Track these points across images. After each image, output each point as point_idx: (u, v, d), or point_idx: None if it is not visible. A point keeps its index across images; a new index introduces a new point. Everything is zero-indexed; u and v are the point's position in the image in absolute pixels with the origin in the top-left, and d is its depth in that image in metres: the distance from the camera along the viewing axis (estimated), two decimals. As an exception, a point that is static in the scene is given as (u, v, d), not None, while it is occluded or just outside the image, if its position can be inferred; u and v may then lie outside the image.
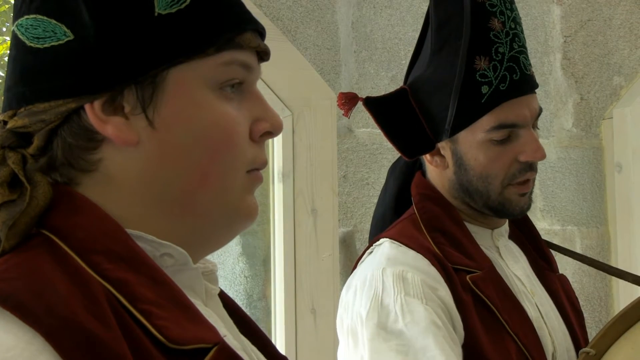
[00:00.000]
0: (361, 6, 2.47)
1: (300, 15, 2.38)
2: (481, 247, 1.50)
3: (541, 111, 1.51)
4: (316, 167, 2.35)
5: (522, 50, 1.49)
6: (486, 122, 1.45)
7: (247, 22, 0.81)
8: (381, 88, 2.43)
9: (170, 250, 0.78)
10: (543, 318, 1.49)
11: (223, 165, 0.79)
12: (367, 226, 2.35)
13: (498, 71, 1.44)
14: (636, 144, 2.76)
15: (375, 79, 2.47)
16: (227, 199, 0.80)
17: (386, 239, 1.48)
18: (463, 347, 1.37)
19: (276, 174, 2.35)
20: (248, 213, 0.82)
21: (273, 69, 2.26)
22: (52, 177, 0.77)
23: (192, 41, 0.77)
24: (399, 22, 2.52)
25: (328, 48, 2.42)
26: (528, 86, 1.48)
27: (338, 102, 1.56)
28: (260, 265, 2.39)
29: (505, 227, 1.59)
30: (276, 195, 2.35)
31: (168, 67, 0.76)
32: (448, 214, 1.50)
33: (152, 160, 0.77)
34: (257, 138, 0.82)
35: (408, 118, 1.51)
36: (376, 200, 1.72)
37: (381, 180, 2.33)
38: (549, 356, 1.45)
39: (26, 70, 0.77)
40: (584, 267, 2.67)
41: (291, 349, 2.28)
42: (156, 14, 0.76)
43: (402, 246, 1.44)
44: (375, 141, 2.46)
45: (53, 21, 0.76)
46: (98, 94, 0.75)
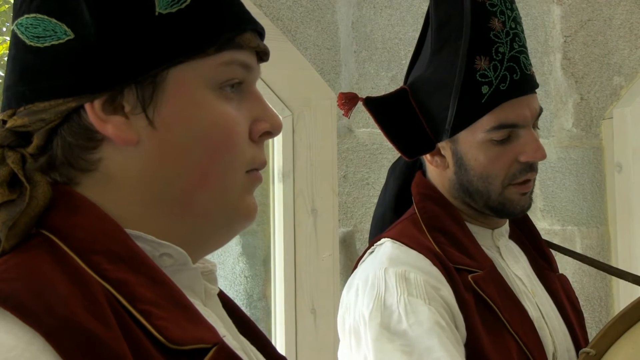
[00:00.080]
0: (361, 6, 2.47)
1: (300, 15, 2.38)
2: (482, 247, 1.50)
3: (541, 111, 1.51)
4: (316, 167, 2.34)
5: (523, 50, 1.48)
6: (486, 122, 1.45)
7: (247, 22, 0.82)
8: (381, 88, 2.43)
9: (169, 250, 0.78)
10: (544, 318, 1.49)
11: (222, 165, 0.79)
12: (367, 226, 2.35)
13: (498, 71, 1.44)
14: (636, 144, 2.76)
15: (375, 79, 2.47)
16: (227, 199, 0.80)
17: (387, 239, 1.47)
18: (464, 347, 1.37)
19: (276, 174, 2.35)
20: (247, 213, 0.82)
21: (273, 69, 2.26)
22: (52, 177, 0.77)
23: (192, 41, 0.77)
24: (399, 22, 2.52)
25: (328, 48, 2.42)
26: (528, 86, 1.48)
27: (338, 102, 1.56)
28: (260, 265, 2.39)
29: (505, 227, 1.59)
30: (276, 195, 2.35)
31: (168, 67, 0.76)
32: (449, 214, 1.50)
33: (152, 159, 0.77)
34: (257, 138, 0.82)
35: (408, 118, 1.51)
36: (376, 200, 1.71)
37: (381, 180, 2.33)
38: (550, 356, 1.45)
39: (26, 69, 0.77)
40: (584, 267, 2.67)
41: (291, 349, 2.28)
42: (157, 14, 0.76)
43: (404, 246, 1.44)
44: (375, 141, 2.46)
45: (53, 20, 0.76)
46: (98, 94, 0.75)
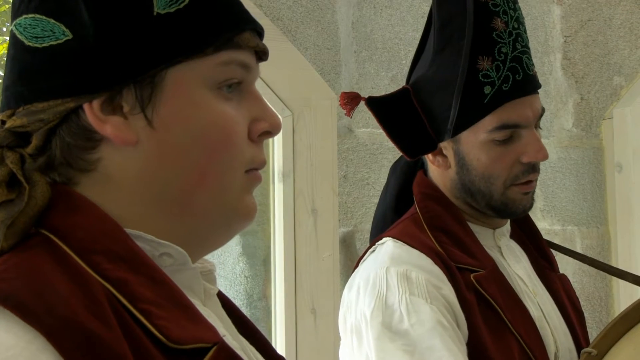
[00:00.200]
0: (361, 6, 2.47)
1: (300, 15, 2.38)
2: (483, 247, 1.50)
3: (544, 111, 1.51)
4: (316, 167, 2.34)
5: (525, 50, 1.48)
6: (488, 123, 1.45)
7: (246, 22, 0.81)
8: (381, 88, 2.43)
9: (169, 249, 0.78)
10: (545, 318, 1.49)
11: (221, 164, 0.79)
12: (368, 226, 2.35)
13: (501, 71, 1.44)
14: (636, 144, 2.76)
15: (375, 79, 2.47)
16: (226, 199, 0.80)
17: (389, 238, 1.47)
18: (466, 346, 1.37)
19: (276, 174, 2.35)
20: (246, 213, 0.82)
21: (273, 69, 2.26)
22: (51, 177, 0.77)
23: (191, 41, 0.77)
24: (399, 22, 2.52)
25: (328, 48, 2.42)
26: (531, 86, 1.48)
27: (340, 102, 1.56)
28: (260, 265, 2.39)
29: (506, 227, 1.58)
30: (276, 195, 2.35)
31: (167, 67, 0.76)
32: (450, 213, 1.50)
33: (151, 159, 0.77)
34: (256, 138, 0.82)
35: (410, 118, 1.51)
36: (376, 200, 1.71)
37: (381, 180, 2.33)
38: (551, 356, 1.45)
39: (25, 69, 0.77)
40: (585, 267, 2.67)
41: (291, 349, 2.28)
42: (155, 14, 0.76)
43: (405, 245, 1.44)
44: (375, 141, 2.46)
45: (52, 20, 0.76)
46: (97, 94, 0.75)
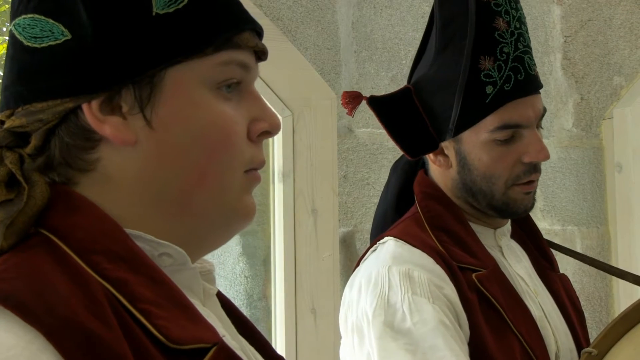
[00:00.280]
0: (361, 6, 2.47)
1: (300, 15, 2.38)
2: (484, 247, 1.50)
3: (545, 111, 1.51)
4: (316, 167, 2.34)
5: (527, 50, 1.48)
6: (490, 122, 1.45)
7: (245, 22, 0.81)
8: (381, 88, 2.43)
9: (168, 249, 0.78)
10: (546, 317, 1.49)
11: (221, 165, 0.79)
12: (368, 226, 2.35)
13: (503, 71, 1.44)
14: (636, 144, 2.76)
15: (375, 79, 2.47)
16: (225, 199, 0.80)
17: (390, 237, 1.47)
18: (468, 345, 1.37)
19: (276, 174, 2.35)
20: (246, 213, 0.82)
21: (273, 69, 2.26)
22: (50, 177, 0.77)
23: (190, 41, 0.77)
24: (399, 22, 2.52)
25: (328, 48, 2.42)
26: (532, 86, 1.48)
27: (342, 101, 1.56)
28: (260, 265, 2.39)
29: (507, 227, 1.58)
30: (276, 195, 2.35)
31: (166, 67, 0.76)
32: (451, 213, 1.50)
33: (150, 160, 0.77)
34: (255, 138, 0.82)
35: (412, 117, 1.51)
36: (376, 200, 1.71)
37: (381, 180, 2.33)
38: (552, 356, 1.45)
39: (24, 69, 0.77)
40: (585, 267, 2.67)
41: (291, 349, 2.28)
42: (154, 14, 0.76)
43: (407, 244, 1.44)
44: (375, 141, 2.46)
45: (50, 20, 0.76)
46: (96, 94, 0.75)
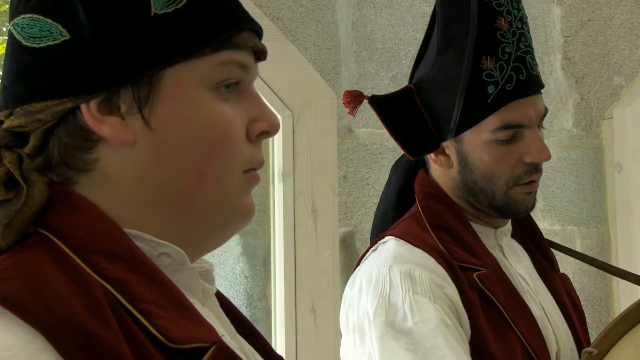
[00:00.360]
0: (361, 6, 2.47)
1: (300, 15, 2.38)
2: (485, 246, 1.50)
3: (546, 111, 1.51)
4: (316, 167, 2.34)
5: (529, 50, 1.48)
6: (491, 122, 1.45)
7: (244, 22, 0.81)
8: (381, 88, 2.43)
9: (168, 249, 0.78)
10: (547, 317, 1.49)
11: (220, 165, 0.79)
12: (368, 226, 2.35)
13: (504, 71, 1.44)
14: (636, 144, 2.76)
15: (375, 79, 2.47)
16: (224, 199, 0.80)
17: (391, 237, 1.47)
18: (469, 345, 1.37)
19: (276, 174, 2.35)
20: (245, 213, 0.82)
21: (273, 69, 2.26)
22: (49, 177, 0.77)
23: (189, 41, 0.77)
24: (399, 22, 2.52)
25: (328, 48, 2.42)
26: (534, 86, 1.48)
27: (343, 101, 1.56)
28: (260, 265, 2.39)
29: (508, 227, 1.59)
30: (276, 195, 2.35)
31: (164, 67, 0.76)
32: (452, 213, 1.50)
33: (149, 160, 0.77)
34: (254, 138, 0.82)
35: (413, 117, 1.51)
36: (376, 200, 1.71)
37: (381, 180, 2.34)
38: (553, 355, 1.45)
39: (22, 69, 0.77)
40: (585, 267, 2.67)
41: (291, 349, 2.28)
42: (152, 14, 0.76)
43: (408, 244, 1.44)
44: (375, 141, 2.46)
45: (49, 21, 0.76)
46: (94, 94, 0.75)
